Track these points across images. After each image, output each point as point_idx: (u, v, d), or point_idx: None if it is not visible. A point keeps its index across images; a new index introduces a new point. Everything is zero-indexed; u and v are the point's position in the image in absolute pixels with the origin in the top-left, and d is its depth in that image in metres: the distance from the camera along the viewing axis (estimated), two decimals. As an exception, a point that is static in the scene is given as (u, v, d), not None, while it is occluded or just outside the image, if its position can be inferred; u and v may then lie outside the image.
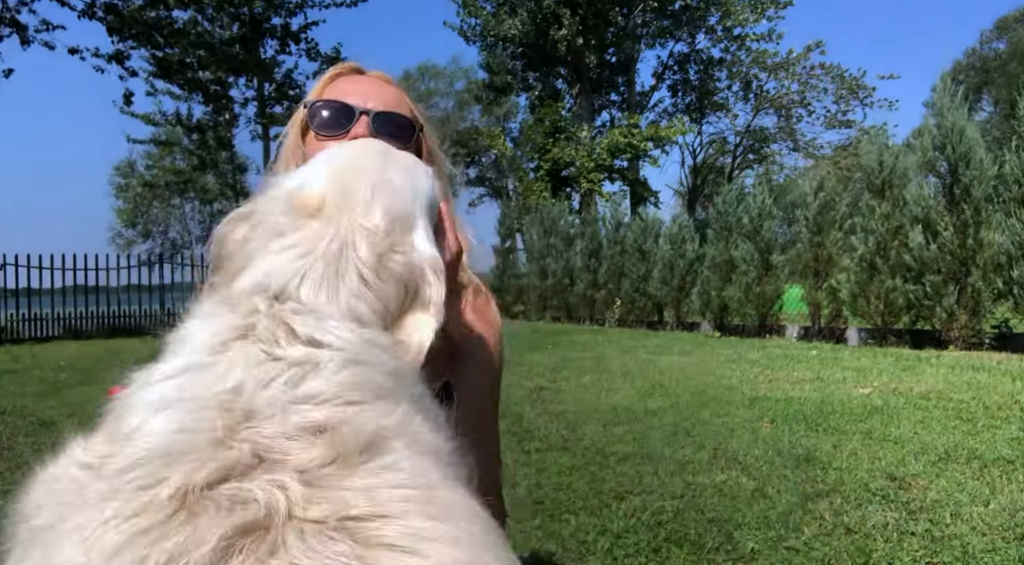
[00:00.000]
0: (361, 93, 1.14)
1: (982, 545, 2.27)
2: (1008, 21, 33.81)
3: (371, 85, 1.17)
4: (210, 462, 0.45)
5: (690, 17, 21.92)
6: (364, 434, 0.50)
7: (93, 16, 13.73)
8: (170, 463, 0.45)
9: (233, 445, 0.47)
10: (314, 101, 1.15)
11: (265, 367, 0.55)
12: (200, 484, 0.44)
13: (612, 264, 12.57)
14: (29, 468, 0.52)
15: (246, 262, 0.69)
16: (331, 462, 0.47)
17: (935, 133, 7.45)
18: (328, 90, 1.16)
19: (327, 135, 1.11)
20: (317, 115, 1.14)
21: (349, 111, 1.11)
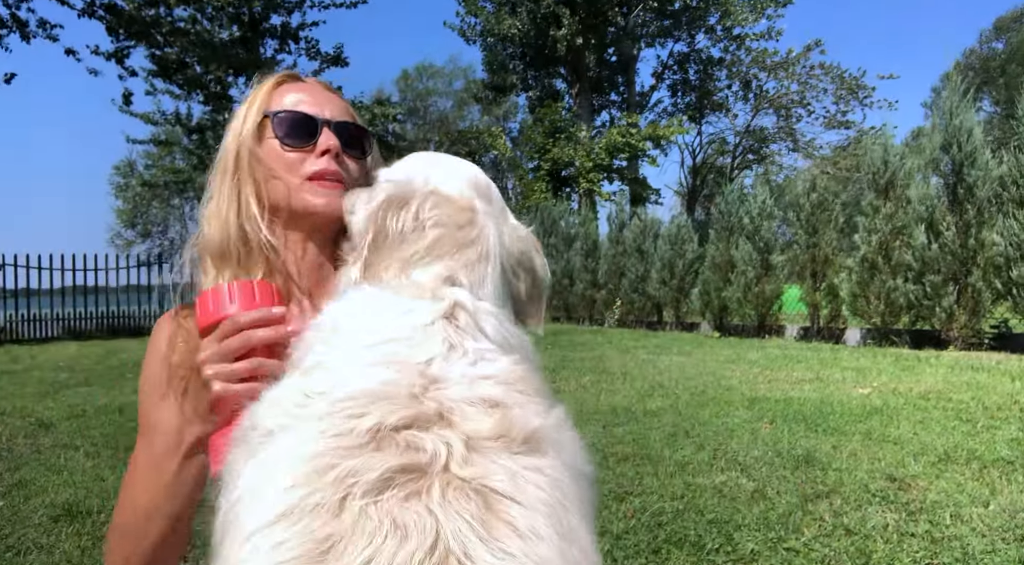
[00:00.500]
0: (315, 102, 1.13)
1: (982, 546, 2.27)
2: (1006, 21, 33.84)
3: (320, 93, 1.16)
4: (403, 410, 0.57)
5: (690, 17, 21.93)
6: (528, 427, 0.59)
7: (93, 15, 13.72)
8: (375, 403, 0.58)
9: (424, 401, 0.59)
10: (276, 111, 1.11)
11: (453, 348, 0.67)
12: (391, 425, 0.56)
13: (611, 264, 12.57)
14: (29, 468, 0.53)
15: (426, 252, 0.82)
16: (496, 438, 0.57)
17: (941, 132, 7.45)
18: (277, 99, 1.13)
19: (295, 146, 1.09)
20: (283, 125, 1.11)
21: (312, 122, 1.11)
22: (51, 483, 3.31)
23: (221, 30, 16.41)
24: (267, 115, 1.11)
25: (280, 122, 1.11)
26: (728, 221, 10.26)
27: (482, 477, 0.53)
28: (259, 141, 1.11)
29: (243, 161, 1.11)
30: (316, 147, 1.09)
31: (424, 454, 0.54)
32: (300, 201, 1.08)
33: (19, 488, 3.25)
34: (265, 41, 17.20)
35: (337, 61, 17.83)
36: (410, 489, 0.51)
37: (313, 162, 1.09)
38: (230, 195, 1.10)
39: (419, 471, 0.53)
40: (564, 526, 0.54)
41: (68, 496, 3.09)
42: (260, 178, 1.10)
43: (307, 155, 1.10)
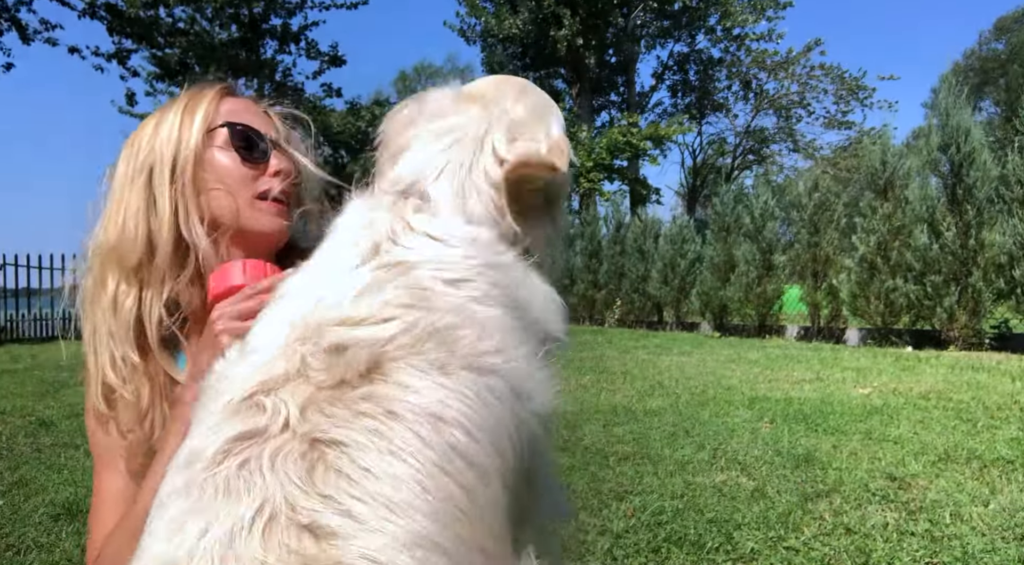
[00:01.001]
0: (259, 122, 1.11)
1: (982, 545, 2.27)
2: (1007, 22, 33.82)
3: (258, 113, 1.14)
4: (259, 375, 0.59)
5: (690, 17, 21.92)
6: (363, 357, 0.58)
7: (94, 16, 13.73)
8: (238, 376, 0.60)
9: (284, 358, 0.60)
10: (235, 122, 1.08)
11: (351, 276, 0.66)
12: (243, 394, 0.58)
13: (612, 264, 12.56)
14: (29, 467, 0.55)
15: (405, 145, 0.82)
16: (336, 384, 0.57)
17: (939, 133, 7.45)
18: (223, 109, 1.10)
19: (253, 162, 1.07)
20: (242, 139, 1.08)
21: (264, 141, 1.10)
22: (51, 482, 3.31)
23: (221, 31, 16.43)
24: (224, 125, 1.07)
25: (239, 135, 1.08)
26: (726, 221, 10.26)
27: (311, 425, 0.54)
28: (205, 150, 1.07)
29: (185, 169, 1.05)
30: (269, 166, 1.08)
31: (262, 417, 0.55)
32: (253, 221, 1.06)
33: (19, 487, 3.25)
34: (265, 42, 17.23)
35: (335, 61, 17.85)
36: (244, 456, 0.53)
37: (266, 181, 1.07)
38: (149, 201, 1.05)
39: (257, 436, 0.54)
40: (398, 445, 0.54)
41: (68, 495, 3.09)
42: (202, 188, 1.05)
43: (260, 173, 1.08)
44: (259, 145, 1.08)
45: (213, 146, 1.06)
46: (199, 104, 1.08)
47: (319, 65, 17.89)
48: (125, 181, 1.07)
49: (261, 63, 17.06)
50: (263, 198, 1.06)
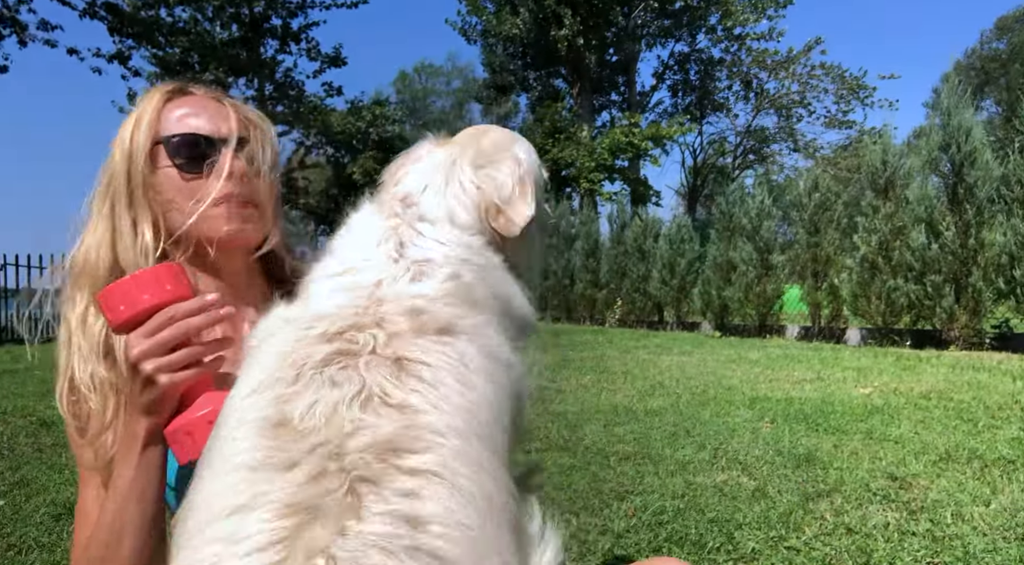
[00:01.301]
0: (209, 118, 1.05)
1: (983, 545, 2.27)
2: (1008, 21, 33.79)
3: (212, 106, 1.07)
4: (345, 321, 0.76)
5: (690, 17, 21.92)
6: (441, 322, 0.78)
7: (94, 16, 13.74)
8: (324, 320, 0.77)
9: (364, 316, 0.77)
10: (170, 136, 1.03)
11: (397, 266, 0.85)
12: (335, 330, 0.75)
13: (612, 264, 12.56)
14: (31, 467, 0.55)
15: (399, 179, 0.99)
16: (414, 331, 0.76)
17: (940, 132, 7.44)
18: (167, 118, 1.04)
19: (195, 172, 1.02)
20: (179, 151, 1.03)
21: (210, 143, 1.03)
22: (52, 482, 3.31)
23: (222, 30, 16.44)
24: (158, 141, 1.02)
25: (176, 148, 1.03)
26: (729, 221, 10.26)
27: (397, 351, 0.73)
28: (153, 169, 1.03)
29: (136, 189, 1.02)
30: (219, 170, 1.02)
31: (356, 344, 0.73)
32: (206, 229, 1.02)
33: (20, 487, 3.25)
34: (266, 41, 17.24)
35: (336, 61, 17.86)
36: (345, 363, 0.71)
37: (217, 186, 1.02)
38: (116, 221, 1.03)
39: (353, 354, 0.72)
40: (464, 379, 0.73)
41: (70, 495, 3.09)
42: (158, 209, 1.03)
43: (210, 179, 1.02)
44: (202, 151, 1.02)
45: (158, 167, 1.03)
46: (143, 115, 1.04)
47: (319, 65, 17.91)
48: (95, 204, 1.06)
49: (261, 63, 17.07)
50: (221, 202, 1.02)
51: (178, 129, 1.03)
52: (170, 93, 1.07)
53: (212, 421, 0.78)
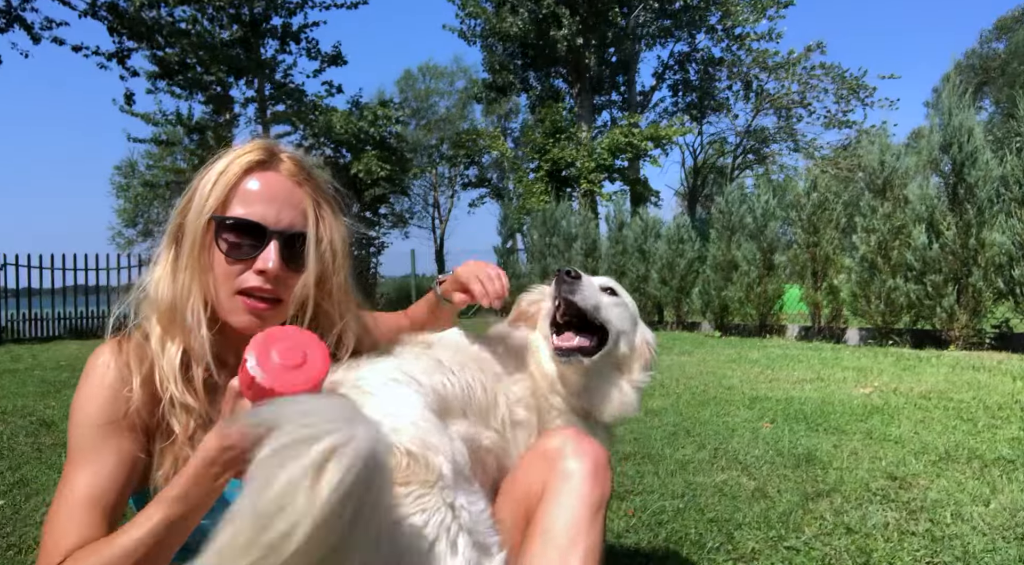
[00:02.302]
0: (273, 201, 1.08)
1: (983, 545, 2.27)
2: (1007, 21, 33.79)
3: (284, 186, 1.11)
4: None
5: (690, 17, 21.90)
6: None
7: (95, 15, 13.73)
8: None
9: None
10: (223, 217, 1.07)
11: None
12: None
13: (612, 264, 12.56)
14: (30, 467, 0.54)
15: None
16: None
17: (941, 132, 7.44)
18: (239, 192, 1.08)
19: (237, 259, 1.07)
20: (228, 237, 1.08)
21: (260, 232, 1.07)
22: (52, 482, 3.31)
23: (222, 30, 16.42)
24: (214, 220, 1.07)
25: (226, 234, 1.08)
26: (729, 221, 10.26)
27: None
28: (210, 239, 1.09)
29: (194, 251, 1.08)
30: (257, 261, 1.07)
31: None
32: (227, 314, 1.08)
33: (20, 487, 3.25)
34: (266, 41, 17.23)
35: (336, 60, 17.84)
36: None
37: (248, 277, 1.07)
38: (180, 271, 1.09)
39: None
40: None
41: (69, 495, 3.08)
42: (207, 269, 1.09)
43: (247, 267, 1.08)
44: (248, 237, 1.06)
45: (212, 240, 1.08)
46: (225, 178, 1.09)
47: (319, 64, 17.89)
48: (165, 240, 1.13)
49: (261, 63, 17.06)
50: (244, 294, 1.07)
51: (239, 210, 1.08)
52: (256, 164, 1.11)
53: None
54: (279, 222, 1.07)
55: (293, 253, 1.09)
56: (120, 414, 1.04)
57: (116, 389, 1.05)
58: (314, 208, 1.12)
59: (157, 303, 1.09)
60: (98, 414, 1.05)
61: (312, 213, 1.11)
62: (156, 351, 1.07)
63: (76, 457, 1.05)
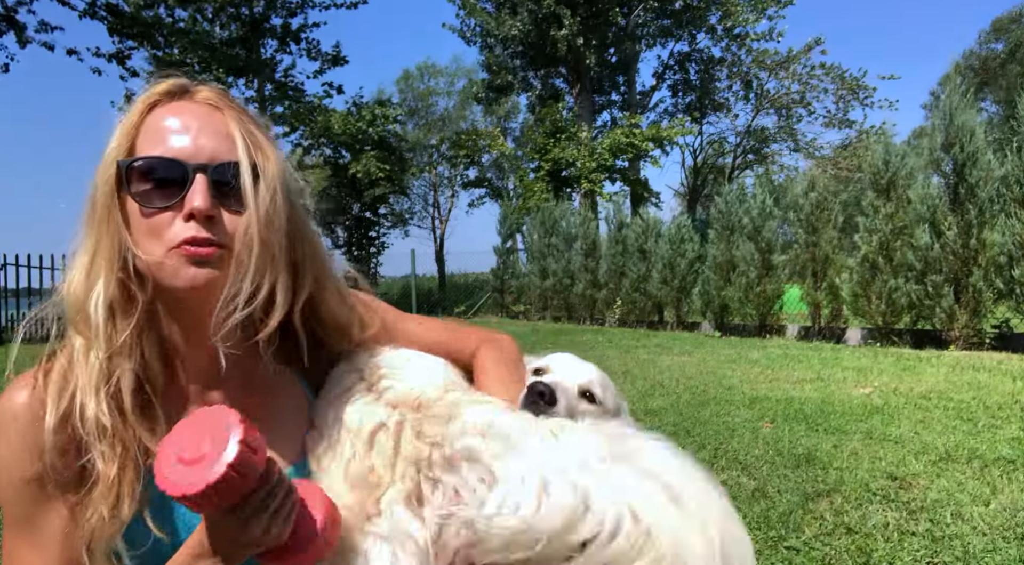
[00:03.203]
0: (190, 133, 0.85)
1: (983, 545, 2.27)
2: (1004, 22, 33.79)
3: (203, 115, 0.87)
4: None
5: (691, 17, 21.90)
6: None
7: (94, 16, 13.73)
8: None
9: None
10: (130, 161, 0.84)
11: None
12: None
13: (612, 264, 12.57)
14: None
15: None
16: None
17: (942, 132, 7.44)
18: (148, 130, 0.86)
19: (156, 208, 0.83)
20: (140, 180, 0.83)
21: (180, 169, 0.83)
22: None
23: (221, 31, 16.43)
24: (119, 166, 0.84)
25: (137, 176, 0.84)
26: (728, 221, 10.26)
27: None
28: (119, 190, 0.85)
29: (103, 219, 0.84)
30: (184, 204, 0.82)
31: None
32: (167, 277, 0.83)
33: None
34: (265, 41, 17.24)
35: (337, 61, 17.85)
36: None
37: (178, 229, 0.82)
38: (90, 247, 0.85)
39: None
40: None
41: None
42: (124, 242, 0.84)
43: (174, 215, 0.83)
44: (167, 179, 0.83)
45: (123, 193, 0.85)
46: (126, 119, 0.88)
47: (320, 65, 17.91)
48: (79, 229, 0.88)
49: (261, 63, 17.07)
50: (180, 246, 0.82)
51: (148, 149, 0.85)
52: (161, 96, 0.89)
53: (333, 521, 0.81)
54: (199, 153, 0.84)
55: (225, 189, 0.84)
56: (49, 466, 0.81)
57: (34, 435, 0.81)
58: (243, 133, 0.87)
59: (73, 306, 0.85)
60: (21, 473, 0.82)
61: (241, 138, 0.87)
62: (78, 370, 0.84)
63: (12, 533, 0.84)
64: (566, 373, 1.20)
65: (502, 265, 16.41)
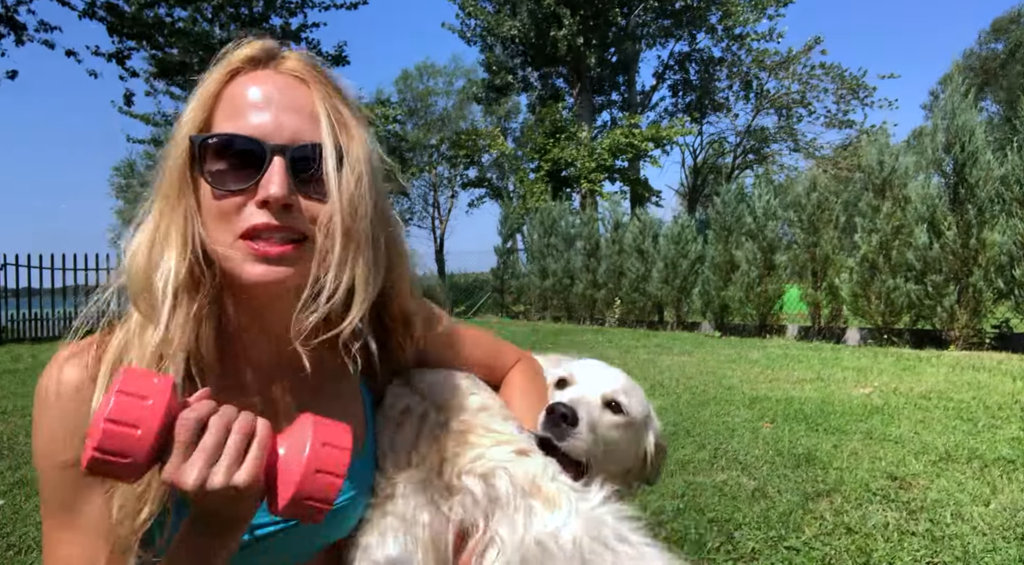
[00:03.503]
0: (271, 109, 0.77)
1: (982, 545, 2.27)
2: (1003, 22, 33.80)
3: (287, 89, 0.79)
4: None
5: (691, 17, 21.91)
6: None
7: (94, 16, 13.73)
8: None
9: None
10: (203, 137, 0.77)
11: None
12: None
13: (612, 264, 12.57)
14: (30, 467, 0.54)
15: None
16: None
17: (943, 133, 7.44)
18: (223, 102, 0.79)
19: (229, 191, 0.76)
20: (210, 160, 0.77)
21: (257, 149, 0.75)
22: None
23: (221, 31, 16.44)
24: (192, 142, 0.77)
25: (211, 153, 0.77)
26: (728, 221, 10.26)
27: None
28: (192, 168, 0.78)
29: (172, 195, 0.78)
30: (258, 189, 0.75)
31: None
32: (234, 269, 0.76)
33: (20, 487, 3.25)
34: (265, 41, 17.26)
35: (339, 61, 17.85)
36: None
37: (251, 214, 0.75)
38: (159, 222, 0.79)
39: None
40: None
41: (69, 495, 3.09)
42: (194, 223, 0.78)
43: (247, 199, 0.76)
44: (243, 160, 0.76)
45: (196, 171, 0.78)
46: (204, 87, 0.80)
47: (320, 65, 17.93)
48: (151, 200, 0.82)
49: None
50: (248, 237, 0.75)
51: (225, 124, 0.78)
52: (244, 62, 0.81)
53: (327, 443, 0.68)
54: (279, 132, 0.76)
55: (305, 174, 0.76)
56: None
57: (77, 418, 0.75)
58: (328, 111, 0.79)
59: (136, 282, 0.78)
60: (63, 456, 0.76)
61: (326, 117, 0.79)
62: (132, 345, 0.79)
63: (53, 518, 0.79)
64: (590, 384, 1.17)
65: (502, 265, 16.41)
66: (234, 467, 0.65)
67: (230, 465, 0.65)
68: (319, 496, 0.67)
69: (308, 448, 0.67)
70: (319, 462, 0.67)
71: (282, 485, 0.68)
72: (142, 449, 0.62)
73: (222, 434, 0.66)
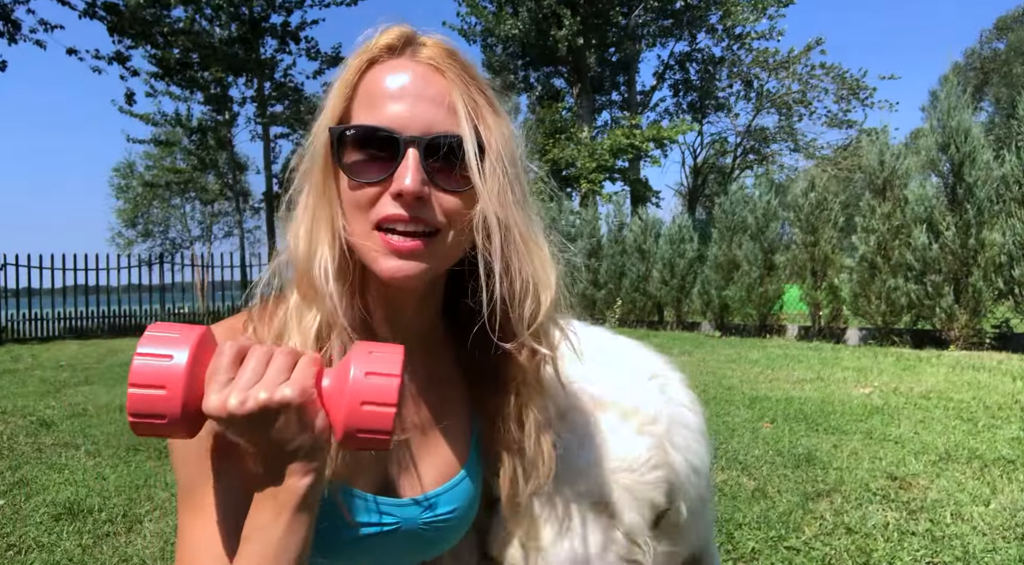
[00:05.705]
0: (408, 99, 0.77)
1: (982, 545, 2.27)
2: (1007, 21, 33.81)
3: (425, 78, 0.79)
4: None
5: (691, 16, 21.92)
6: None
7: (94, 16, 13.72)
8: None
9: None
10: (341, 129, 0.78)
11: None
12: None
13: (612, 264, 12.57)
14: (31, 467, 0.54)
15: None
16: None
17: (938, 133, 7.44)
18: (361, 93, 0.80)
19: (366, 182, 0.76)
20: (348, 151, 0.77)
21: (392, 141, 0.75)
22: (52, 482, 3.31)
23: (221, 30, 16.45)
24: (331, 133, 0.78)
25: (349, 145, 0.77)
26: (731, 221, 10.26)
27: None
28: (332, 158, 0.79)
29: (318, 183, 0.80)
30: (392, 181, 0.75)
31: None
32: (369, 262, 0.78)
33: (20, 487, 3.25)
34: (265, 40, 17.26)
35: (336, 61, 17.85)
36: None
37: (385, 204, 0.76)
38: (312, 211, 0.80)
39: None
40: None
41: (69, 495, 3.09)
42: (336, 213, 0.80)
43: (382, 190, 0.76)
44: (379, 151, 0.76)
45: (334, 162, 0.79)
46: (342, 77, 0.81)
47: (319, 65, 17.93)
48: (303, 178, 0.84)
49: (260, 62, 17.08)
50: (383, 228, 0.76)
51: (363, 115, 0.78)
52: (381, 51, 0.81)
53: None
54: (413, 123, 0.76)
55: (440, 164, 0.76)
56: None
57: None
58: (467, 103, 0.78)
59: (294, 260, 0.80)
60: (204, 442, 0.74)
61: (463, 107, 0.78)
62: (291, 326, 0.79)
63: (188, 499, 0.76)
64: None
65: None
66: (278, 380, 0.63)
67: (273, 380, 0.63)
68: (372, 427, 0.65)
69: (352, 380, 0.66)
70: (363, 395, 0.65)
71: (334, 420, 0.67)
72: (175, 407, 0.62)
73: (264, 358, 0.65)
